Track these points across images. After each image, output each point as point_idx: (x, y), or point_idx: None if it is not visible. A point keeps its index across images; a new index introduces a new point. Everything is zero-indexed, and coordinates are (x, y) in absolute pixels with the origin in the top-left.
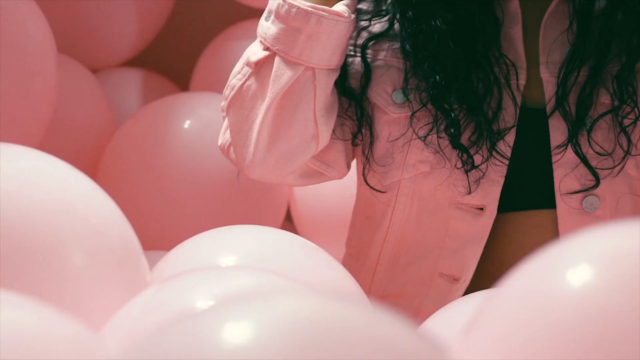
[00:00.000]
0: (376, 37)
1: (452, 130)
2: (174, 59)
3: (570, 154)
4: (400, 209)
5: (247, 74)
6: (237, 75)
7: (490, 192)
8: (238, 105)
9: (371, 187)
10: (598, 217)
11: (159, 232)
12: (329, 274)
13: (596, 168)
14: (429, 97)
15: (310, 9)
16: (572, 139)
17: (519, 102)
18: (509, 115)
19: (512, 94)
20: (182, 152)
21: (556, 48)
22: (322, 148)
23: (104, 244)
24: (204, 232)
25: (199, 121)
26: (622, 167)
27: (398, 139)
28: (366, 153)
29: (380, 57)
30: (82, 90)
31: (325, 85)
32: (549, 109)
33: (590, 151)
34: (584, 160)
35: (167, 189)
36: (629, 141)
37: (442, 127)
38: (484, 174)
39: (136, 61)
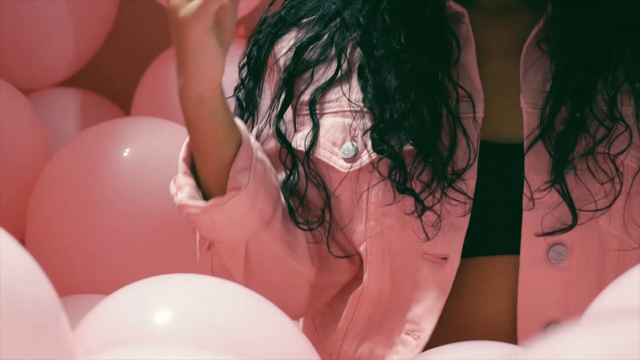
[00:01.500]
0: (324, 88)
1: (398, 175)
2: (115, 78)
3: (547, 195)
4: (373, 270)
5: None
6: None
7: (453, 239)
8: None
9: (337, 257)
10: (563, 269)
11: (95, 273)
12: (278, 337)
13: (579, 210)
14: (377, 140)
15: (197, 211)
16: (557, 179)
17: (477, 137)
18: (466, 152)
19: (468, 128)
20: (122, 183)
21: (537, 74)
22: (316, 268)
23: (16, 309)
24: (140, 282)
25: (141, 149)
26: (608, 209)
27: (356, 195)
28: (324, 219)
29: (329, 110)
30: (12, 114)
31: (275, 234)
32: (527, 144)
33: (576, 191)
34: (568, 201)
35: (105, 225)
36: (621, 183)
37: (395, 173)
38: (439, 217)
39: (73, 81)
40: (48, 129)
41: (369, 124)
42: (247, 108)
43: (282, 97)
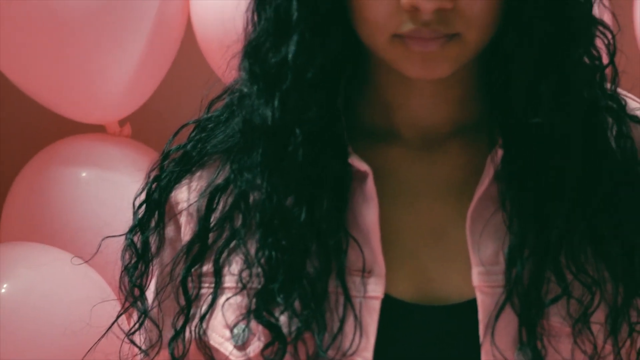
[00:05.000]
0: (222, 252)
1: (275, 353)
2: None
3: None
4: None
5: None
6: None
7: None
8: None
9: None
10: None
11: None
12: None
13: None
14: (260, 310)
15: None
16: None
17: (376, 319)
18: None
19: (364, 310)
20: None
21: (488, 241)
22: None
23: None
24: None
25: (18, 284)
26: None
27: None
28: None
29: (225, 283)
30: None
31: None
32: (482, 331)
33: None
34: None
35: None
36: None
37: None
38: None
39: None
40: None
41: (257, 299)
42: (143, 256)
43: (185, 253)
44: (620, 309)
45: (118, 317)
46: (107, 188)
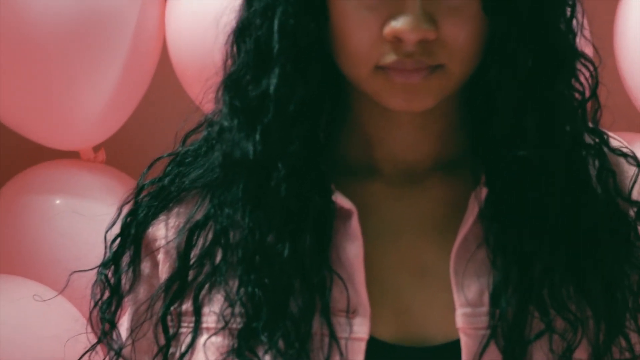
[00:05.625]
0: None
1: None
2: None
3: None
4: None
5: None
6: None
7: None
8: None
9: None
10: None
11: None
12: None
13: None
14: (239, 347)
15: None
16: None
17: None
18: None
19: (343, 346)
20: None
21: (472, 279)
22: None
23: None
24: None
25: None
26: None
27: None
28: None
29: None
30: None
31: None
32: None
33: None
34: None
35: None
36: None
37: None
38: None
39: None
40: None
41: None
42: (116, 292)
43: (164, 290)
44: (603, 347)
45: (84, 353)
46: (82, 216)
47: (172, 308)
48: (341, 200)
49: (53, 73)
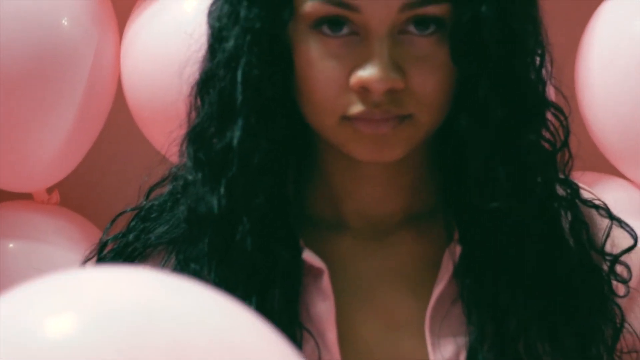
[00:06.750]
0: None
1: None
2: None
3: None
4: None
5: None
6: None
7: None
8: None
9: None
10: None
11: None
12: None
13: None
14: None
15: None
16: None
17: None
18: None
19: None
20: None
21: (447, 338)
22: None
23: None
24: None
25: None
26: None
27: None
28: None
29: None
30: None
31: None
32: None
33: None
34: None
35: None
36: None
37: None
38: None
39: None
40: None
41: None
42: None
43: None
44: None
45: None
46: (36, 259)
47: None
48: (311, 258)
49: (6, 114)
